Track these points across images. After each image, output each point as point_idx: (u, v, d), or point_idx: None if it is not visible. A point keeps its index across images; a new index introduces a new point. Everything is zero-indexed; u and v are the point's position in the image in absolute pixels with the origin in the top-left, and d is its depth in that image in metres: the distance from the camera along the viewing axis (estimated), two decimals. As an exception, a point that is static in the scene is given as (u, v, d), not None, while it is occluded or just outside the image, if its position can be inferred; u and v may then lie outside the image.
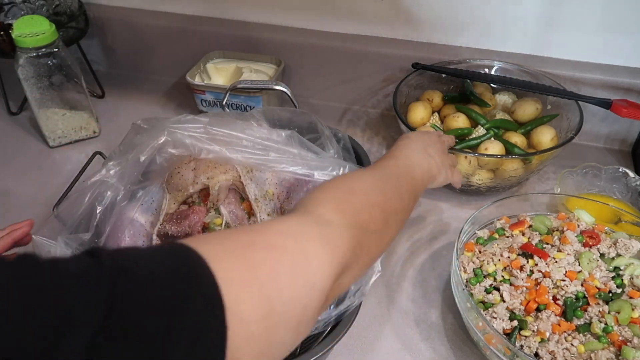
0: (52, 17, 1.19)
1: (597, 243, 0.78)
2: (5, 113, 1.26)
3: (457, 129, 1.00)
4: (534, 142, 1.00)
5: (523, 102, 1.05)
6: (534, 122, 1.03)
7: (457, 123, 1.02)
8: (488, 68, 1.12)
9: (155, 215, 0.82)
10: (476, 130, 1.01)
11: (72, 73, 1.09)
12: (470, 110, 1.03)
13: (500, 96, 1.11)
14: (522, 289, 0.74)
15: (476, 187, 0.98)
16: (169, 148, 0.78)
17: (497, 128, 1.01)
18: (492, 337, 0.67)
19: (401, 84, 1.07)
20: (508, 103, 1.10)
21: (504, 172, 0.94)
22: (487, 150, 0.94)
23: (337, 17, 1.22)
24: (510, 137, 0.99)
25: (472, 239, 0.83)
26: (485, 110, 1.07)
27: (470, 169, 0.94)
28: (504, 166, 0.94)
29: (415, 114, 1.04)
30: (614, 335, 0.68)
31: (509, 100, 1.10)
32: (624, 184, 0.97)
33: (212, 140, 0.76)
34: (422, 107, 1.04)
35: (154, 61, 1.39)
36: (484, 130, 1.00)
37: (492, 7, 1.09)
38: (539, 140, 0.98)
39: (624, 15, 1.03)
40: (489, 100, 1.07)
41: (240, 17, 1.29)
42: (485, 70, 1.12)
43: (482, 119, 1.02)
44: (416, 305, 0.84)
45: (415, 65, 1.10)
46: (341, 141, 0.90)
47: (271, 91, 1.14)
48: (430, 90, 1.11)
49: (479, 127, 1.01)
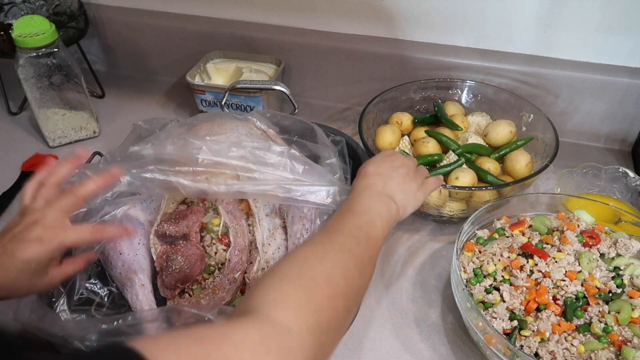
0: (52, 17, 1.19)
1: (597, 243, 0.78)
2: (5, 113, 1.26)
3: (427, 155, 0.95)
4: (507, 167, 0.95)
5: (496, 124, 1.00)
6: (508, 145, 0.97)
7: (427, 149, 0.96)
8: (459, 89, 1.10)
9: (153, 215, 0.82)
10: (447, 157, 0.96)
11: (72, 73, 1.09)
12: (441, 135, 0.97)
13: (473, 117, 1.06)
14: (522, 289, 0.74)
15: (448, 217, 0.94)
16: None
17: (470, 153, 0.96)
18: (492, 337, 0.67)
19: (368, 106, 1.01)
20: (482, 124, 1.05)
21: (476, 202, 0.88)
22: (457, 179, 0.90)
23: (337, 17, 1.22)
24: (483, 163, 0.94)
25: (472, 239, 0.83)
26: (457, 133, 1.02)
27: (440, 200, 0.88)
28: (475, 197, 0.88)
29: (384, 139, 0.99)
30: (614, 335, 0.68)
31: (482, 122, 1.05)
32: (624, 184, 0.97)
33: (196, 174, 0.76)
34: (390, 131, 0.99)
35: (154, 61, 1.40)
36: (455, 156, 0.95)
37: (492, 7, 1.09)
38: (512, 167, 0.94)
39: (624, 15, 1.03)
40: (461, 122, 1.01)
41: (240, 17, 1.29)
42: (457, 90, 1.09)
43: (453, 144, 0.96)
44: (416, 305, 0.84)
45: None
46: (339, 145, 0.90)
47: (271, 91, 1.14)
48: (399, 112, 1.05)
49: (450, 152, 0.96)
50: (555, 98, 1.13)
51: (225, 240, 0.79)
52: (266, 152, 0.77)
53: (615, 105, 1.11)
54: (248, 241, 0.79)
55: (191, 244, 0.78)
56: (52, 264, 0.64)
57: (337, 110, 1.29)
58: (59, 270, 0.65)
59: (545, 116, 0.98)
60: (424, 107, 1.11)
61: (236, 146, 0.76)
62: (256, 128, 0.89)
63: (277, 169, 0.76)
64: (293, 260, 0.55)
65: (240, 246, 0.77)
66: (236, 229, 0.79)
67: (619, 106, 1.11)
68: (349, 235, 0.61)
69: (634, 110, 1.10)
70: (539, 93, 1.13)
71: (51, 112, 1.13)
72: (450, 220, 0.96)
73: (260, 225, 0.78)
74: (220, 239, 0.79)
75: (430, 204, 0.89)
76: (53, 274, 0.64)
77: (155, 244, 0.79)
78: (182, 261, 0.76)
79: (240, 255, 0.77)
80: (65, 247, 0.64)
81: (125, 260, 0.76)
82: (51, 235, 0.61)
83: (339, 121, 1.26)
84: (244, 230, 0.79)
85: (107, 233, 0.69)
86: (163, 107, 1.31)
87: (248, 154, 0.76)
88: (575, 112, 1.14)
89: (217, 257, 0.78)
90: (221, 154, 0.75)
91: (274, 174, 0.75)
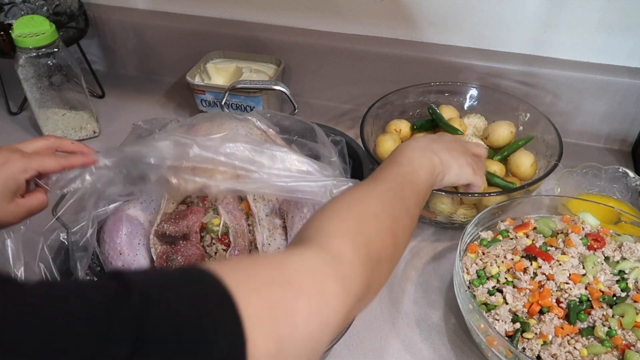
0: (52, 17, 1.19)
1: (601, 246, 0.78)
2: (5, 113, 1.26)
3: None
4: (512, 169, 0.95)
5: (497, 125, 0.99)
6: (510, 146, 0.97)
7: None
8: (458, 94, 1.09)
9: (153, 215, 0.81)
10: None
11: (72, 73, 1.09)
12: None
13: (469, 120, 1.05)
14: (526, 291, 0.74)
15: (460, 223, 0.93)
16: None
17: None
18: (494, 339, 0.67)
19: (367, 114, 1.00)
20: (479, 127, 1.04)
21: (486, 206, 0.85)
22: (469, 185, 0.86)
23: (337, 17, 1.21)
24: (488, 165, 0.92)
25: (475, 241, 0.82)
26: (457, 137, 0.97)
27: (452, 208, 0.88)
28: (485, 201, 0.87)
29: (384, 148, 0.97)
30: (617, 339, 0.68)
31: (479, 124, 1.04)
32: (624, 184, 0.97)
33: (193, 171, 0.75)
34: (390, 140, 0.98)
35: (154, 61, 1.39)
36: None
37: (492, 7, 1.09)
38: (517, 168, 0.94)
39: (624, 15, 1.03)
40: (459, 126, 1.00)
41: (240, 17, 1.29)
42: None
43: None
44: (418, 306, 0.84)
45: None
46: (339, 145, 0.90)
47: (271, 91, 1.13)
48: (396, 119, 1.04)
49: None
50: (555, 98, 1.13)
51: (225, 241, 0.79)
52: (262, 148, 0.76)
53: (615, 105, 1.11)
54: (248, 241, 0.79)
55: (191, 244, 0.78)
56: (17, 193, 0.68)
57: (337, 110, 1.29)
58: (23, 201, 0.69)
59: (544, 115, 0.98)
60: (417, 113, 1.09)
61: (230, 141, 0.75)
62: (256, 128, 0.89)
63: (273, 164, 0.75)
64: (342, 200, 0.58)
65: (240, 246, 0.77)
66: (236, 229, 0.79)
67: (619, 106, 1.11)
68: (392, 182, 0.63)
69: (634, 110, 1.10)
70: (539, 93, 1.13)
71: (51, 112, 1.13)
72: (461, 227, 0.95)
73: (260, 225, 0.78)
74: (220, 239, 0.79)
75: (444, 211, 0.89)
76: (18, 202, 0.68)
77: (155, 244, 0.79)
78: (182, 261, 0.76)
79: (240, 255, 0.77)
80: (32, 170, 0.68)
81: (125, 260, 0.76)
82: (16, 157, 0.67)
83: (338, 120, 1.25)
84: (244, 230, 0.79)
85: (71, 161, 0.72)
86: (163, 107, 1.31)
87: (242, 151, 0.75)
88: (575, 112, 1.14)
89: (217, 257, 0.78)
90: (211, 149, 0.74)
91: (269, 171, 0.75)
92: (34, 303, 0.30)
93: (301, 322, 0.40)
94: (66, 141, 0.76)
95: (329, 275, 0.45)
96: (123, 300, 0.32)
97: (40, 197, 0.71)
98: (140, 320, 0.31)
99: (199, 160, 0.74)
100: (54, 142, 0.74)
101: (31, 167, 0.68)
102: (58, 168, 0.71)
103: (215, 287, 0.36)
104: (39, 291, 0.32)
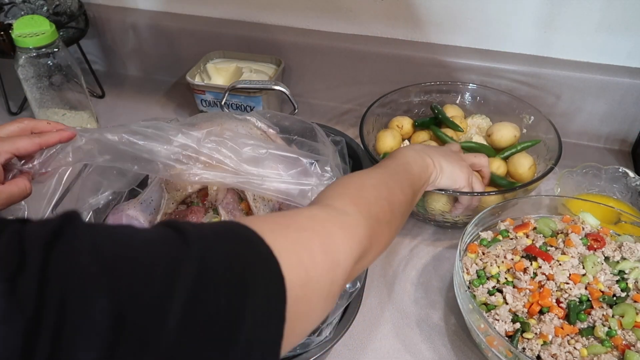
0: (52, 17, 1.18)
1: (602, 246, 0.78)
2: (5, 113, 1.26)
3: None
4: (510, 170, 0.95)
5: (501, 125, 0.99)
6: (514, 147, 0.97)
7: None
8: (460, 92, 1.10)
9: (153, 215, 0.81)
10: None
11: (72, 73, 1.09)
12: (445, 135, 0.97)
13: (473, 120, 1.06)
14: (526, 291, 0.73)
15: (452, 222, 0.93)
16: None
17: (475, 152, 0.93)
18: (494, 339, 0.67)
19: (368, 112, 1.00)
20: (482, 127, 1.05)
21: (482, 208, 0.85)
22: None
23: (337, 17, 1.21)
24: (490, 162, 0.92)
25: (475, 241, 0.82)
26: (459, 135, 1.01)
27: (446, 206, 0.88)
28: (483, 202, 0.86)
29: (384, 143, 0.98)
30: (617, 339, 0.68)
31: (483, 124, 1.05)
32: (624, 184, 0.97)
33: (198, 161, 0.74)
34: (390, 136, 0.99)
35: (154, 61, 1.39)
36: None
37: (492, 7, 1.09)
38: (515, 170, 0.94)
39: (624, 15, 1.03)
40: (461, 124, 1.01)
41: (240, 17, 1.29)
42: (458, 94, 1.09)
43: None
44: (418, 306, 0.84)
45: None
46: (339, 144, 0.90)
47: (271, 91, 1.13)
48: (399, 116, 1.05)
49: None
50: (555, 98, 1.13)
51: (226, 241, 0.78)
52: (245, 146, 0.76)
53: (615, 105, 1.10)
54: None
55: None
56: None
57: (337, 110, 1.29)
58: (1, 187, 0.67)
59: (546, 118, 0.98)
60: (422, 111, 1.11)
61: (214, 135, 0.75)
62: (256, 128, 0.89)
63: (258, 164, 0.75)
64: (341, 179, 0.66)
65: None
66: (236, 230, 0.78)
67: (619, 106, 1.10)
68: (386, 168, 0.70)
69: (634, 110, 1.10)
70: (539, 93, 1.13)
71: (51, 112, 1.13)
72: (454, 225, 0.95)
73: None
74: (220, 239, 0.79)
75: (437, 209, 0.89)
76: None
77: (155, 245, 0.78)
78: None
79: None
80: (4, 152, 0.66)
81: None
82: None
83: (338, 120, 1.25)
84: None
85: (48, 139, 0.71)
86: (163, 107, 1.31)
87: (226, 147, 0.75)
88: (575, 112, 1.14)
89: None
90: (194, 139, 0.73)
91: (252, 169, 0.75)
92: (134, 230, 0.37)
93: (319, 259, 0.46)
94: (41, 122, 0.73)
95: (336, 223, 0.51)
96: (184, 242, 0.37)
97: (21, 183, 0.69)
98: (201, 259, 0.36)
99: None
100: (27, 124, 0.72)
101: (3, 150, 0.66)
102: (33, 147, 0.69)
103: (248, 232, 0.42)
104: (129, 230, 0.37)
